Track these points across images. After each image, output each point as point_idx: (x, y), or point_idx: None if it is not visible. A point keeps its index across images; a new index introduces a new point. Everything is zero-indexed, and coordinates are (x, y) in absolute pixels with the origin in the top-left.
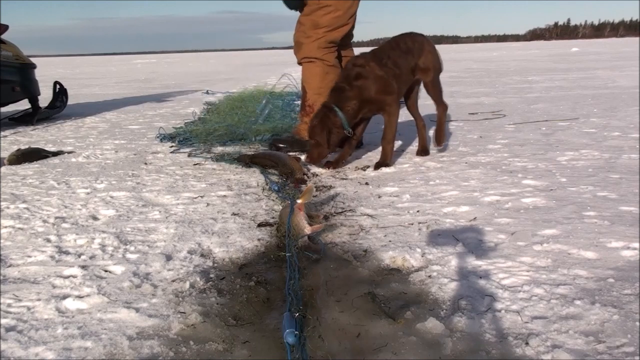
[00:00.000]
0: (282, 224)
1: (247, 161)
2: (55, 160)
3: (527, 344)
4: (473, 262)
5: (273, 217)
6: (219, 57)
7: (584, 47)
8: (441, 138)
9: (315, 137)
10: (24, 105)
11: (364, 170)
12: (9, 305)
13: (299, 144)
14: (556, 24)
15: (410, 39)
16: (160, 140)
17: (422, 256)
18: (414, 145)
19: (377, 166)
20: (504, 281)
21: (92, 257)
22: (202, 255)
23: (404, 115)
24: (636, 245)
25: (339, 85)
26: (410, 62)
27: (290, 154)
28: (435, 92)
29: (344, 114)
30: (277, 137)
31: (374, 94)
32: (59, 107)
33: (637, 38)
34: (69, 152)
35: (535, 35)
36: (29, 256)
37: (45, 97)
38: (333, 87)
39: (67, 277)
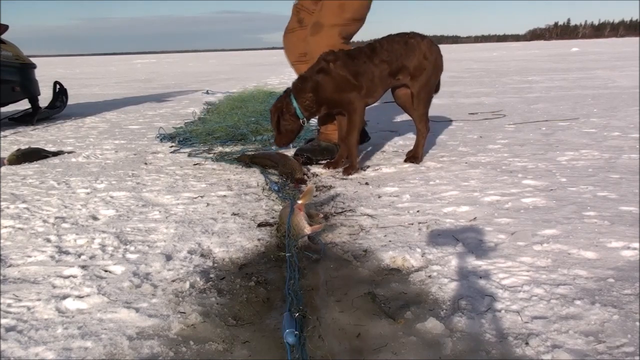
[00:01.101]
0: (282, 224)
1: (247, 161)
2: (55, 160)
3: (527, 344)
4: (473, 262)
5: (273, 217)
6: (219, 57)
7: (584, 47)
8: (416, 157)
9: (270, 121)
10: (24, 105)
11: (364, 170)
12: (9, 305)
13: (327, 151)
14: (556, 24)
15: (398, 41)
16: (160, 140)
17: (422, 256)
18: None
19: (345, 171)
20: (504, 281)
21: (92, 257)
22: (202, 255)
23: (405, 114)
24: (636, 245)
25: (303, 74)
26: (391, 65)
27: (322, 162)
28: (419, 107)
29: (299, 104)
30: (302, 146)
31: (330, 93)
32: (59, 107)
33: (637, 38)
34: (69, 152)
35: (535, 35)
36: (29, 256)
37: (45, 97)
38: (299, 75)
39: (67, 277)
